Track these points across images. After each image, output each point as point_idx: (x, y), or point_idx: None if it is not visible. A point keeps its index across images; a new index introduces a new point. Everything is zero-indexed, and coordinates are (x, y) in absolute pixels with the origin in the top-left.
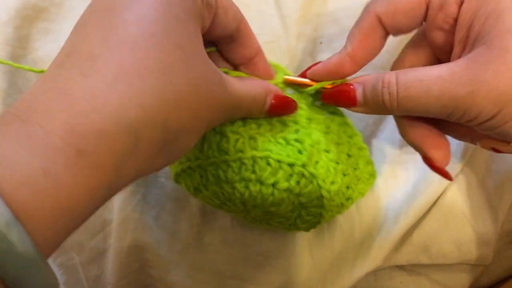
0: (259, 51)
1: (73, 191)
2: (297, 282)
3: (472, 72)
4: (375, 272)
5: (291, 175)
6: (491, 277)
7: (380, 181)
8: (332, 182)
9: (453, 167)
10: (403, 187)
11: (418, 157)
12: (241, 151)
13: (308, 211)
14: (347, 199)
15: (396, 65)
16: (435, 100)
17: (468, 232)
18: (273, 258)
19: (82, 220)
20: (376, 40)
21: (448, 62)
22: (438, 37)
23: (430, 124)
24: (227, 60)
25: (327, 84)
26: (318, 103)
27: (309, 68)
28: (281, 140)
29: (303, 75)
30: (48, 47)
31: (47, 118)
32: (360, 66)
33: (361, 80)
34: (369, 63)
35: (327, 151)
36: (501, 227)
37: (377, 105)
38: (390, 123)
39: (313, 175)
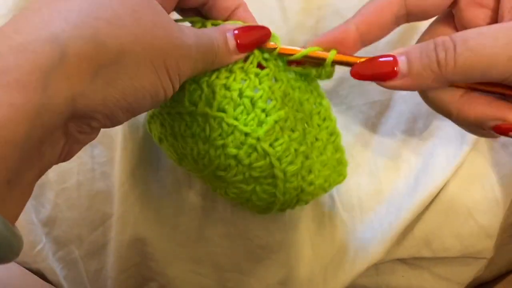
0: (241, 4)
1: None
2: (298, 276)
3: None
4: (377, 266)
5: (242, 144)
6: (493, 271)
7: (382, 174)
8: (290, 163)
9: (454, 160)
10: (404, 180)
11: (420, 150)
12: (195, 105)
13: (263, 188)
14: (309, 184)
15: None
16: (501, 49)
17: (470, 225)
18: (273, 252)
19: (19, 150)
20: (389, 17)
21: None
22: (476, 15)
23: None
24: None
25: (313, 52)
26: (297, 80)
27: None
28: (247, 102)
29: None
30: None
31: None
32: (365, 41)
33: (401, 50)
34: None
35: (293, 130)
36: (503, 220)
37: (427, 71)
38: (392, 116)
39: (266, 152)
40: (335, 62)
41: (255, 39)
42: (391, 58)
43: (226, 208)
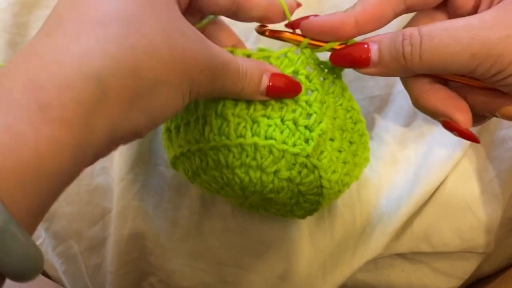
0: (270, 4)
1: (37, 146)
2: (297, 270)
3: (506, 17)
4: (376, 260)
5: (293, 165)
6: (492, 265)
7: (381, 169)
8: (334, 172)
9: (453, 155)
10: (404, 175)
11: (419, 144)
12: (243, 136)
13: (306, 198)
14: (344, 185)
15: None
16: (463, 48)
17: (469, 220)
18: (273, 247)
19: (57, 183)
20: (388, 11)
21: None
22: (466, 2)
23: (447, 88)
24: None
25: (335, 45)
26: (331, 85)
27: (303, 18)
28: (290, 124)
29: (293, 24)
30: None
31: (9, 77)
32: (360, 32)
33: (376, 39)
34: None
35: (332, 139)
36: (502, 215)
37: (394, 62)
38: (391, 110)
39: (315, 166)
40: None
41: (286, 92)
42: (365, 46)
43: (226, 203)
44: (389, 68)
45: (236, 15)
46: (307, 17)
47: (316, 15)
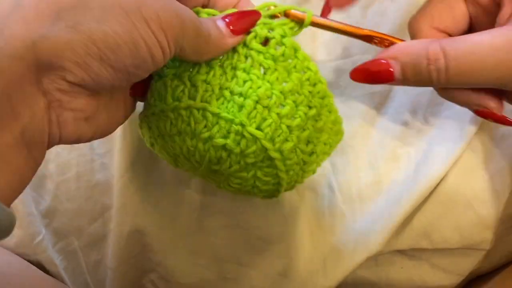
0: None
1: None
2: (298, 267)
3: None
4: (376, 257)
5: (228, 133)
6: (492, 262)
7: (381, 165)
8: (285, 141)
9: (453, 151)
10: (404, 171)
11: (420, 141)
12: (178, 99)
13: (263, 172)
14: (310, 154)
15: (421, 23)
16: (490, 72)
17: (469, 216)
18: (273, 243)
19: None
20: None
21: (496, 28)
22: None
23: None
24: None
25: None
26: (278, 47)
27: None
28: (226, 93)
29: (325, 9)
30: None
31: None
32: None
33: (395, 54)
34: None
35: (282, 105)
36: (503, 211)
37: (419, 81)
38: (391, 106)
39: (255, 136)
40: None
41: (247, 23)
42: (384, 62)
43: (226, 200)
44: (414, 84)
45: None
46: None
47: None
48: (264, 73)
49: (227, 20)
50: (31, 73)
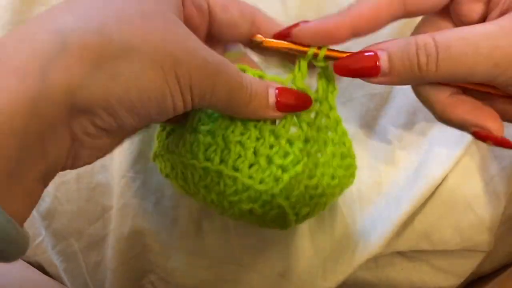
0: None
1: None
2: (297, 269)
3: None
4: (376, 258)
5: (257, 199)
6: (493, 263)
7: (381, 167)
8: (304, 206)
9: (454, 153)
10: (404, 173)
11: (419, 143)
12: (210, 160)
13: (274, 220)
14: (319, 211)
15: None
16: (485, 58)
17: (470, 218)
18: (273, 245)
19: (13, 140)
20: (386, 15)
21: (488, 22)
22: (471, 9)
23: (469, 97)
24: None
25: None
26: (324, 120)
27: (293, 26)
28: (262, 160)
29: (284, 33)
30: None
31: None
32: (355, 35)
33: (383, 46)
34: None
35: (311, 177)
36: (503, 213)
37: (407, 72)
38: (391, 108)
39: (281, 206)
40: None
41: (296, 105)
42: (372, 53)
43: None
44: (400, 78)
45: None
46: (297, 24)
47: (306, 21)
48: (306, 143)
49: (277, 92)
50: (64, 117)
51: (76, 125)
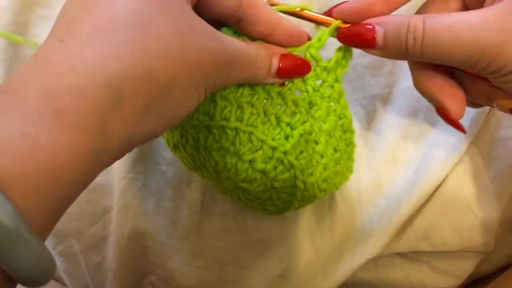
0: (277, 24)
1: (53, 153)
2: (297, 269)
3: (505, 20)
4: (376, 259)
5: (270, 158)
6: (492, 264)
7: (381, 168)
8: (311, 174)
9: (453, 154)
10: (404, 174)
11: (420, 144)
12: (226, 119)
13: (279, 195)
14: (321, 191)
15: (422, 12)
16: (462, 48)
17: (469, 219)
18: (273, 245)
19: (73, 190)
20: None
21: (479, 9)
22: None
23: (447, 75)
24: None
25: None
26: (328, 89)
27: (335, 6)
28: (272, 118)
29: (328, 13)
30: (47, 33)
31: (24, 84)
32: (390, 9)
33: (382, 21)
34: None
35: (316, 142)
36: (503, 214)
37: (397, 50)
38: (391, 109)
39: (292, 165)
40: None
41: (296, 70)
42: (370, 27)
43: (226, 202)
44: (392, 54)
45: (241, 24)
46: (338, 5)
47: (345, 1)
48: (311, 108)
49: (283, 60)
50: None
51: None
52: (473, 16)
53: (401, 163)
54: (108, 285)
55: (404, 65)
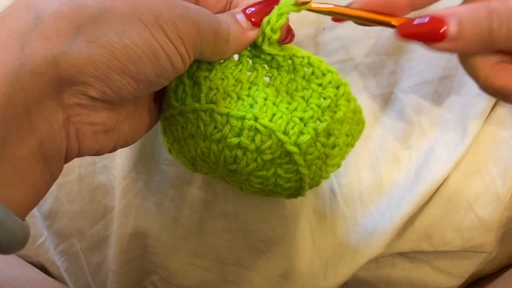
0: None
1: None
2: (299, 269)
3: None
4: (377, 259)
5: (241, 130)
6: (493, 264)
7: (382, 168)
8: (301, 133)
9: (455, 154)
10: (405, 173)
11: (421, 144)
12: (183, 102)
13: (284, 168)
14: (332, 147)
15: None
16: None
17: (470, 219)
18: (274, 245)
19: (11, 119)
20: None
21: None
22: None
23: None
24: None
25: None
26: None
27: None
28: (232, 94)
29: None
30: None
31: None
32: (413, 7)
33: (451, 11)
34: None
35: (289, 103)
36: (504, 214)
37: (477, 37)
38: (393, 109)
39: (269, 128)
40: (367, 19)
41: (267, 12)
42: (440, 19)
43: (227, 202)
44: (468, 43)
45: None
46: None
47: None
48: (270, 78)
49: (247, 12)
50: (51, 88)
51: (67, 97)
52: None
53: (402, 163)
54: (109, 285)
55: (405, 65)
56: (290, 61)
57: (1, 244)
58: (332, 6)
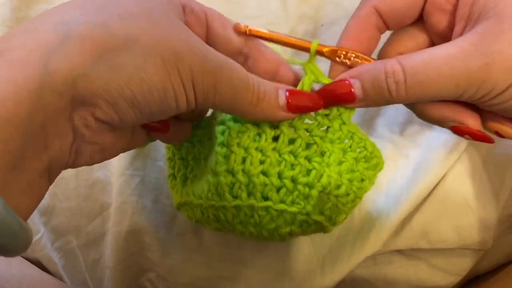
0: (280, 63)
1: None
2: (296, 267)
3: (484, 44)
4: (374, 257)
5: (293, 221)
6: (491, 262)
7: None
8: (339, 214)
9: (452, 152)
10: (403, 172)
11: (418, 142)
12: (238, 197)
13: (315, 232)
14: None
15: (389, 51)
16: (447, 80)
17: (468, 217)
18: (271, 242)
19: (17, 129)
20: (371, 32)
21: (452, 41)
22: (439, 20)
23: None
24: None
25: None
26: (335, 132)
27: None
28: (287, 182)
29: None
30: None
31: None
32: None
33: (355, 73)
34: None
35: (338, 187)
36: (501, 212)
37: (380, 97)
38: (390, 107)
39: (317, 221)
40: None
41: (307, 106)
42: (347, 82)
43: None
44: (375, 102)
45: (248, 62)
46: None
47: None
48: (322, 156)
49: (290, 94)
50: (66, 109)
51: (77, 117)
52: (449, 48)
53: (400, 161)
54: (106, 282)
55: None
56: (346, 141)
57: (8, 248)
58: (267, 31)
